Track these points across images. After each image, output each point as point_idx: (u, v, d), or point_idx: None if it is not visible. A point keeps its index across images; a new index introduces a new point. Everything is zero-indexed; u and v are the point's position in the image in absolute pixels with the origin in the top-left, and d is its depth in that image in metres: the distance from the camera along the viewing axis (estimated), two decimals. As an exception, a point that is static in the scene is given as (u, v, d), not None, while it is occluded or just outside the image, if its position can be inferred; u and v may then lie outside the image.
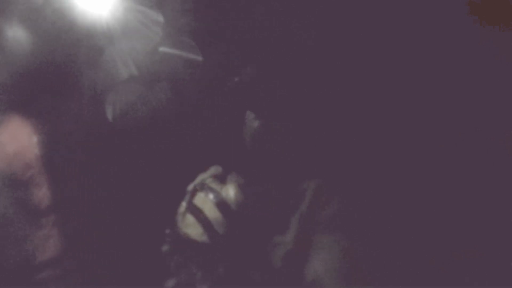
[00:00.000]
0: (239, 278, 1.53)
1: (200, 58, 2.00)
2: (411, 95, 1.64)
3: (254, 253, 1.53)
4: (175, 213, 1.63)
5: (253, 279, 1.51)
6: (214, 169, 1.66)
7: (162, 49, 1.96)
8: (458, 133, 1.60)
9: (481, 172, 1.55)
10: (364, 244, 1.40)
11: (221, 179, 1.63)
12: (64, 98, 1.86)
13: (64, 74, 1.85)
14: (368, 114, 1.61)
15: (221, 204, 1.54)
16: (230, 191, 1.57)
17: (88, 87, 1.90)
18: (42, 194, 1.76)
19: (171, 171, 1.79)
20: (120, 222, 1.79)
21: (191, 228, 1.56)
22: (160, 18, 1.94)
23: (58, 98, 1.85)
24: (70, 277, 1.75)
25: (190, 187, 1.64)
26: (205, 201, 1.57)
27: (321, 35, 1.77)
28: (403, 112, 1.64)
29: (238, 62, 1.87)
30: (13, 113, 1.78)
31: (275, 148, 1.57)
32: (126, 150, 1.86)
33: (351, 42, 1.72)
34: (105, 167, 1.83)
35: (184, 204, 1.61)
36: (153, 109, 1.98)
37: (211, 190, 1.58)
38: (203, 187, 1.59)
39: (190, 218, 1.56)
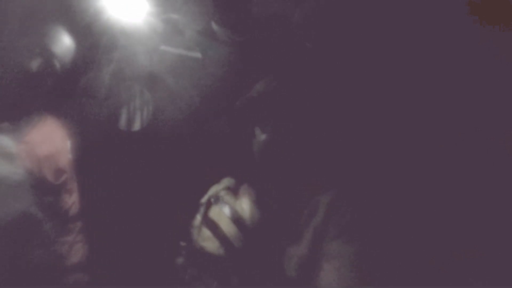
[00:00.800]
0: (253, 288, 1.57)
1: (200, 59, 1.99)
2: (412, 96, 1.66)
3: (268, 264, 1.56)
4: (189, 226, 1.65)
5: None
6: (227, 181, 1.68)
7: (163, 48, 1.95)
8: (458, 134, 1.62)
9: (482, 172, 1.58)
10: (375, 253, 1.43)
11: (234, 191, 1.64)
12: (81, 100, 1.84)
13: (73, 76, 1.83)
14: (374, 120, 1.63)
15: (237, 219, 1.57)
16: (244, 205, 1.59)
17: (93, 88, 1.88)
18: (71, 201, 1.74)
19: (183, 182, 1.80)
20: (136, 231, 1.81)
21: (208, 241, 1.58)
22: (162, 18, 1.91)
23: (78, 101, 1.83)
24: (92, 284, 1.76)
25: (204, 199, 1.66)
26: (221, 215, 1.58)
27: (321, 36, 1.78)
28: (405, 114, 1.66)
29: (240, 62, 1.88)
30: (48, 115, 1.74)
31: (281, 161, 1.58)
32: (138, 155, 1.86)
33: (352, 44, 1.72)
34: (117, 174, 1.83)
35: (199, 217, 1.62)
36: (155, 110, 1.98)
37: (226, 203, 1.60)
38: (217, 200, 1.61)
39: (206, 232, 1.59)
